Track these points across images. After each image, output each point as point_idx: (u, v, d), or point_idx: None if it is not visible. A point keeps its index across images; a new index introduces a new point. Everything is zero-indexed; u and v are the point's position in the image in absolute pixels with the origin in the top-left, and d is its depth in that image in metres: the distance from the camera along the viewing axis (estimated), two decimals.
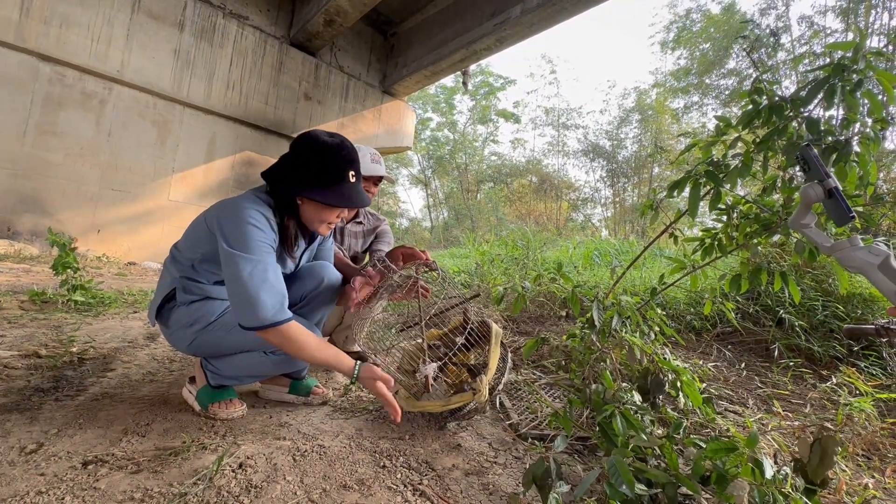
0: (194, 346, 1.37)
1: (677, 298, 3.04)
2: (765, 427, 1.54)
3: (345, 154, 1.32)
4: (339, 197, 1.31)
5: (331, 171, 1.30)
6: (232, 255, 1.19)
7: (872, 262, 0.78)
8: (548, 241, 7.02)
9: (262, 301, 1.15)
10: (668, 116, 14.70)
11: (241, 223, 1.22)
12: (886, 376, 2.00)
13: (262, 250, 1.22)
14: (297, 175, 1.31)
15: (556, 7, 5.79)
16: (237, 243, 1.20)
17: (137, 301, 3.27)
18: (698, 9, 12.75)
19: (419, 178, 21.14)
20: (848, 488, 1.17)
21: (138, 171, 5.85)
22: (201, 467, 1.06)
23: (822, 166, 0.87)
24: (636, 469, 0.99)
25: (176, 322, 1.37)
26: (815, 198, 0.86)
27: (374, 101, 8.49)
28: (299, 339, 1.21)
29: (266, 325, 1.15)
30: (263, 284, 1.17)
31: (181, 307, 1.36)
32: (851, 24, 9.18)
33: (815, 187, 0.86)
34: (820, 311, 2.43)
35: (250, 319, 1.16)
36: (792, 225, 0.93)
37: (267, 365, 1.40)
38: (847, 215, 0.81)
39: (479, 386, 1.35)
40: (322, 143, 1.31)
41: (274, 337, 1.18)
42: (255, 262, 1.19)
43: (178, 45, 6.02)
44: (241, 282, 1.16)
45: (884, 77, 1.47)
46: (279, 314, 1.17)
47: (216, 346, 1.37)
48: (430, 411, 1.42)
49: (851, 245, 0.80)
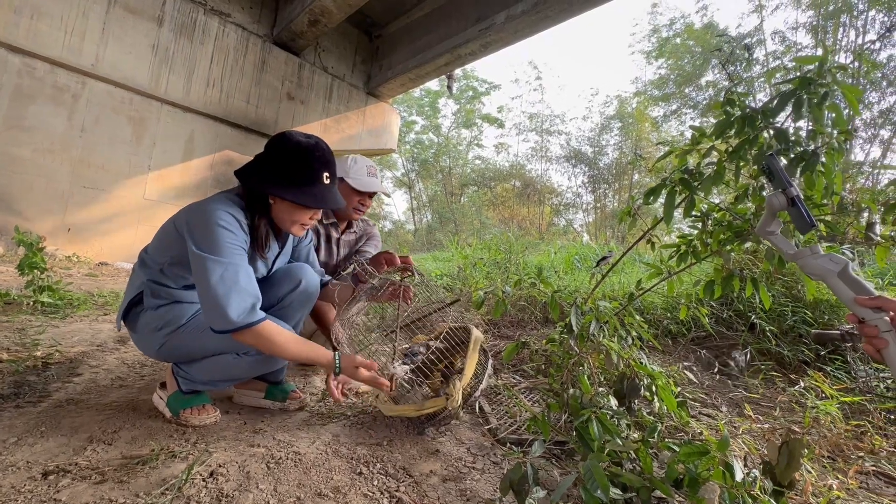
0: (164, 351, 1.34)
1: (655, 303, 3.10)
2: (736, 430, 1.58)
3: (319, 155, 1.32)
4: (310, 197, 1.30)
5: (304, 172, 1.30)
6: (201, 257, 1.16)
7: (832, 269, 0.80)
8: (530, 245, 7.08)
9: (232, 303, 1.14)
10: (648, 124, 15.04)
11: (211, 225, 1.20)
12: (851, 380, 2.07)
13: (232, 252, 1.20)
14: (269, 173, 1.29)
15: (539, 15, 5.86)
16: (207, 246, 1.18)
17: (108, 303, 3.16)
18: (681, 20, 13.09)
19: (403, 180, 21.09)
20: (813, 489, 1.21)
21: (112, 169, 5.67)
22: (170, 476, 1.03)
23: (785, 175, 0.89)
24: (611, 473, 1.00)
25: (144, 326, 1.34)
26: (779, 206, 0.89)
27: (358, 102, 8.44)
28: (274, 338, 1.20)
29: (238, 327, 1.14)
30: (234, 287, 1.16)
31: (149, 311, 1.33)
32: (820, 41, 9.57)
33: (779, 196, 0.89)
34: (789, 317, 2.51)
35: (222, 322, 1.14)
36: (758, 232, 0.96)
37: (240, 368, 1.36)
38: (808, 223, 0.84)
39: (451, 391, 1.35)
40: (297, 142, 1.30)
41: (248, 338, 1.17)
42: (226, 265, 1.17)
43: (156, 40, 5.88)
44: (212, 285, 1.14)
45: (848, 91, 1.53)
46: (251, 315, 1.16)
47: (186, 350, 1.33)
48: (406, 416, 1.40)
49: (812, 253, 0.83)
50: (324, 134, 7.83)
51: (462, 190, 19.62)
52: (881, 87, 9.12)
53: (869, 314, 0.73)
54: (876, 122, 9.20)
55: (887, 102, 9.25)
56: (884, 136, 9.30)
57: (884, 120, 9.17)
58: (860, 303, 0.75)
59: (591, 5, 5.62)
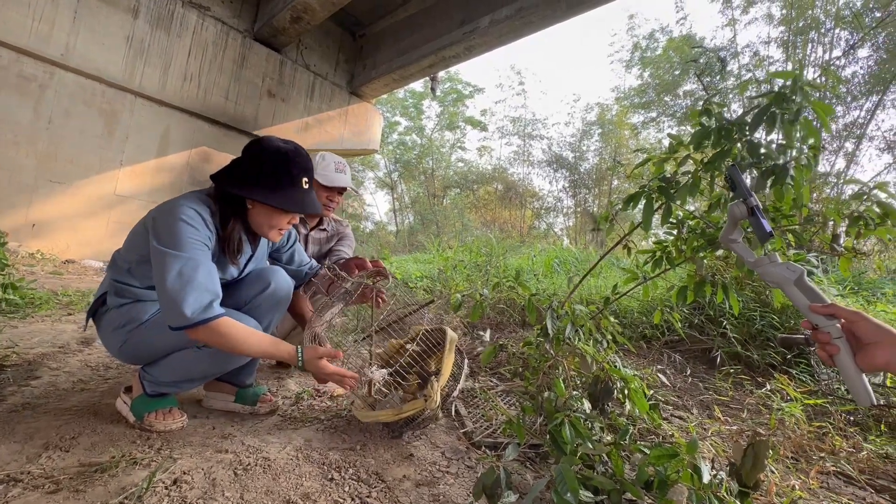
0: (126, 349, 1.30)
1: (631, 307, 3.16)
2: (706, 432, 1.61)
3: (299, 160, 1.32)
4: (290, 201, 1.30)
5: (284, 176, 1.29)
6: (161, 252, 1.15)
7: (789, 277, 0.83)
8: (511, 248, 7.13)
9: (188, 299, 1.11)
10: (628, 131, 15.34)
11: (174, 220, 1.19)
12: (814, 382, 2.15)
13: (193, 247, 1.18)
14: (249, 178, 1.28)
15: (523, 20, 5.92)
16: (167, 241, 1.16)
17: (73, 302, 3.04)
18: (660, 31, 13.40)
19: (385, 181, 20.95)
20: (777, 490, 1.24)
21: (81, 163, 5.45)
22: (130, 484, 0.99)
23: (746, 186, 0.92)
24: (583, 477, 1.00)
25: (108, 325, 1.32)
26: (740, 215, 0.91)
27: (340, 101, 8.35)
28: (232, 334, 1.17)
29: (191, 323, 1.11)
30: (191, 282, 1.13)
31: (112, 310, 1.32)
32: (791, 56, 9.95)
33: (740, 206, 0.91)
34: (758, 322, 2.59)
35: (177, 318, 1.11)
36: (721, 240, 0.98)
37: (202, 363, 1.31)
38: (766, 233, 0.86)
39: (430, 392, 1.34)
40: (276, 147, 1.30)
41: (204, 335, 1.14)
42: (186, 260, 1.15)
43: (131, 31, 5.69)
44: (168, 280, 1.12)
45: (819, 108, 1.59)
46: (206, 312, 1.13)
47: (148, 348, 1.30)
48: (383, 421, 1.38)
49: (770, 261, 0.85)
50: (305, 132, 7.72)
51: (444, 192, 19.63)
52: (846, 102, 9.53)
53: (822, 321, 0.76)
54: (841, 134, 9.60)
55: (851, 116, 9.67)
56: (848, 148, 9.72)
57: (848, 133, 9.58)
58: (814, 310, 0.77)
59: (573, 13, 5.71)
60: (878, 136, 9.95)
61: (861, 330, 0.72)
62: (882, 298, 3.59)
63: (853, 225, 1.54)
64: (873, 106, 9.39)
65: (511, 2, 5.92)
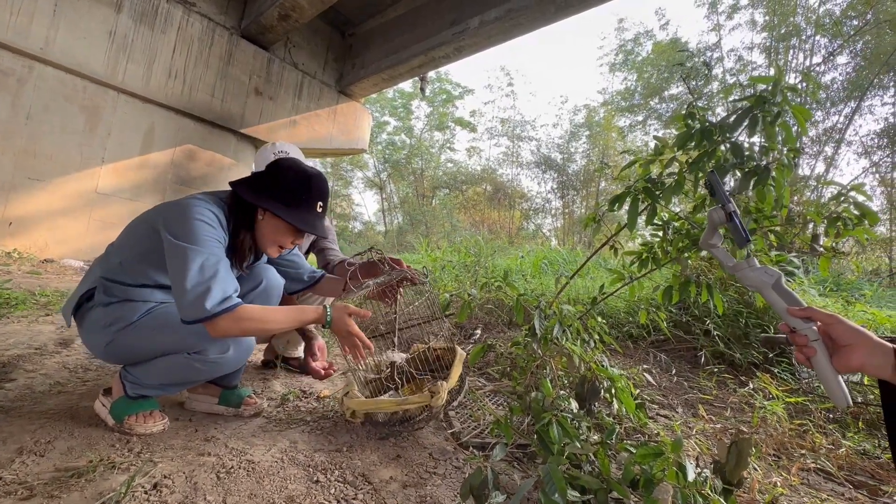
0: (111, 349, 1.26)
1: (617, 308, 3.19)
2: (690, 430, 1.63)
3: (318, 185, 1.36)
4: (302, 220, 1.32)
5: (302, 196, 1.33)
6: (180, 247, 1.14)
7: (767, 281, 0.84)
8: (500, 248, 7.15)
9: (213, 292, 1.11)
10: (615, 134, 15.52)
11: (189, 219, 1.18)
12: (795, 381, 2.19)
13: (212, 244, 1.18)
14: (268, 187, 1.32)
15: (512, 22, 5.95)
16: (185, 237, 1.16)
17: (51, 302, 2.95)
18: (646, 35, 13.58)
19: (374, 181, 20.86)
20: (760, 487, 1.26)
21: (61, 160, 5.32)
22: (108, 490, 0.96)
23: (724, 192, 0.93)
24: (570, 476, 1.01)
25: (93, 323, 1.27)
26: (719, 221, 0.93)
27: (329, 100, 8.29)
28: (255, 317, 1.17)
29: (213, 314, 1.09)
30: (216, 277, 1.13)
31: (98, 308, 1.27)
32: (773, 61, 10.17)
33: (718, 211, 0.92)
34: (741, 321, 2.64)
35: (196, 311, 1.09)
36: (702, 244, 0.99)
37: (192, 370, 1.28)
38: (744, 238, 0.87)
39: (438, 388, 1.33)
40: (301, 168, 1.35)
41: (225, 324, 1.12)
42: (207, 255, 1.15)
43: (113, 26, 5.56)
44: (191, 274, 1.10)
45: (798, 111, 1.63)
46: (227, 302, 1.12)
47: (135, 349, 1.26)
48: (384, 409, 1.32)
49: (749, 266, 0.87)
50: (293, 131, 7.65)
51: (433, 192, 19.61)
52: (825, 107, 9.78)
53: (799, 324, 0.77)
54: (820, 139, 9.85)
55: (831, 121, 9.93)
56: (827, 152, 9.97)
57: (828, 137, 9.83)
58: (791, 313, 0.78)
59: (562, 15, 5.75)
60: (855, 140, 10.25)
61: (837, 332, 0.74)
62: (861, 299, 3.69)
63: (831, 225, 1.57)
64: (851, 111, 9.66)
65: (501, 3, 5.94)
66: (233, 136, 6.97)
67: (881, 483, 1.40)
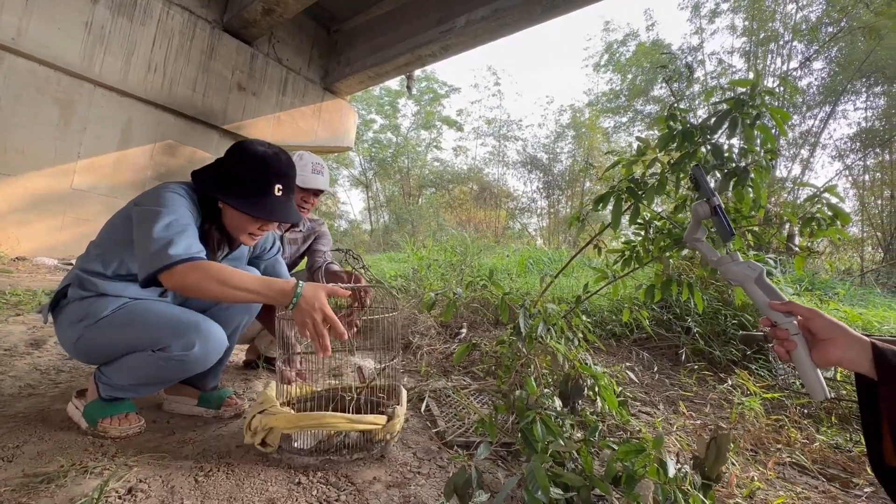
0: (80, 345, 1.23)
1: (601, 306, 3.22)
2: (671, 427, 1.66)
3: (275, 166, 1.29)
4: (257, 208, 1.26)
5: (254, 182, 1.27)
6: (148, 210, 1.14)
7: (749, 275, 0.86)
8: (486, 247, 7.17)
9: (178, 242, 1.08)
10: (600, 135, 15.70)
11: (161, 192, 1.21)
12: (772, 377, 2.25)
13: (182, 210, 1.18)
14: (221, 178, 1.28)
15: (499, 21, 5.96)
16: (155, 203, 1.16)
17: (22, 302, 2.85)
18: (632, 34, 13.73)
19: (360, 179, 20.70)
20: (738, 481, 1.29)
21: (34, 154, 5.13)
22: (80, 495, 0.93)
23: (709, 186, 0.94)
24: (554, 474, 1.01)
25: (65, 319, 1.25)
26: (703, 215, 0.94)
27: (314, 97, 8.19)
28: (217, 272, 1.08)
29: (173, 262, 1.05)
30: (184, 233, 1.12)
31: (72, 303, 1.25)
32: (752, 66, 10.42)
33: (703, 205, 0.94)
34: (721, 319, 2.69)
35: (161, 258, 1.05)
36: (686, 239, 1.01)
37: (157, 368, 1.21)
38: (728, 232, 0.89)
39: (398, 412, 1.26)
40: (252, 151, 1.28)
41: (180, 275, 1.06)
42: (177, 217, 1.15)
43: (90, 17, 5.39)
44: (157, 229, 1.09)
45: (776, 114, 1.67)
46: (192, 251, 1.09)
47: (101, 346, 1.23)
48: (328, 425, 1.14)
49: (732, 260, 0.88)
50: (277, 128, 7.53)
51: (420, 191, 19.56)
52: (801, 111, 10.06)
53: (780, 318, 0.79)
54: (797, 141, 10.13)
55: (806, 125, 10.22)
56: (803, 155, 10.26)
57: (804, 141, 10.12)
58: (773, 307, 0.80)
59: (548, 16, 5.79)
60: (830, 144, 10.57)
61: (816, 326, 0.75)
62: (834, 297, 3.80)
63: (806, 226, 1.62)
64: (826, 115, 9.96)
65: (488, 3, 5.94)
66: (215, 132, 6.83)
67: (852, 476, 1.45)
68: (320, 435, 1.22)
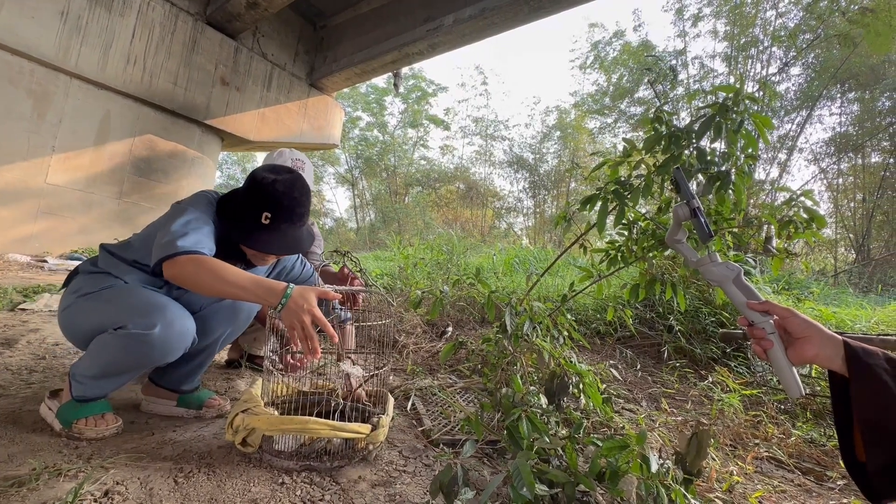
0: (65, 315, 1.27)
1: (586, 305, 3.26)
2: (654, 423, 1.69)
3: (263, 194, 1.30)
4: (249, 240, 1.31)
5: (241, 207, 1.33)
6: (178, 207, 1.25)
7: (728, 276, 0.88)
8: (472, 246, 7.19)
9: (190, 236, 1.15)
10: (585, 135, 15.87)
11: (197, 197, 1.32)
12: (750, 374, 2.31)
13: (206, 214, 1.26)
14: (225, 200, 1.36)
15: (486, 21, 5.97)
16: (186, 203, 1.28)
17: None
18: (617, 35, 13.88)
19: (346, 177, 20.53)
20: (717, 475, 1.32)
21: (5, 148, 4.95)
22: (53, 499, 0.90)
23: (689, 189, 0.96)
24: (539, 471, 1.02)
25: (69, 289, 1.31)
26: (683, 216, 0.96)
27: (299, 93, 8.08)
28: (215, 267, 1.11)
29: (177, 252, 1.10)
30: (198, 231, 1.18)
31: (80, 275, 1.32)
32: (734, 70, 10.65)
33: (683, 207, 0.95)
34: (702, 318, 2.75)
35: (170, 247, 1.11)
36: (667, 240, 1.02)
37: (118, 350, 1.15)
38: (707, 234, 0.91)
39: (383, 422, 1.24)
40: (251, 177, 1.37)
41: (187, 263, 1.11)
42: (198, 216, 1.22)
43: (66, 6, 5.22)
44: (176, 224, 1.16)
45: (759, 120, 1.71)
46: (199, 246, 1.14)
47: (81, 323, 1.24)
48: (311, 431, 1.11)
49: (711, 261, 0.90)
50: (261, 124, 7.42)
51: (406, 190, 19.49)
52: (779, 116, 10.33)
53: (757, 317, 0.80)
54: (775, 145, 10.40)
55: (784, 129, 10.49)
56: (781, 158, 10.54)
57: (781, 144, 10.39)
58: (750, 307, 0.82)
59: (535, 16, 5.82)
60: (807, 148, 10.88)
61: (792, 325, 0.77)
62: (810, 297, 3.91)
63: (783, 228, 1.66)
64: (803, 120, 10.24)
65: (475, 2, 5.95)
66: (197, 128, 6.70)
67: (826, 469, 1.49)
68: (302, 439, 1.20)
